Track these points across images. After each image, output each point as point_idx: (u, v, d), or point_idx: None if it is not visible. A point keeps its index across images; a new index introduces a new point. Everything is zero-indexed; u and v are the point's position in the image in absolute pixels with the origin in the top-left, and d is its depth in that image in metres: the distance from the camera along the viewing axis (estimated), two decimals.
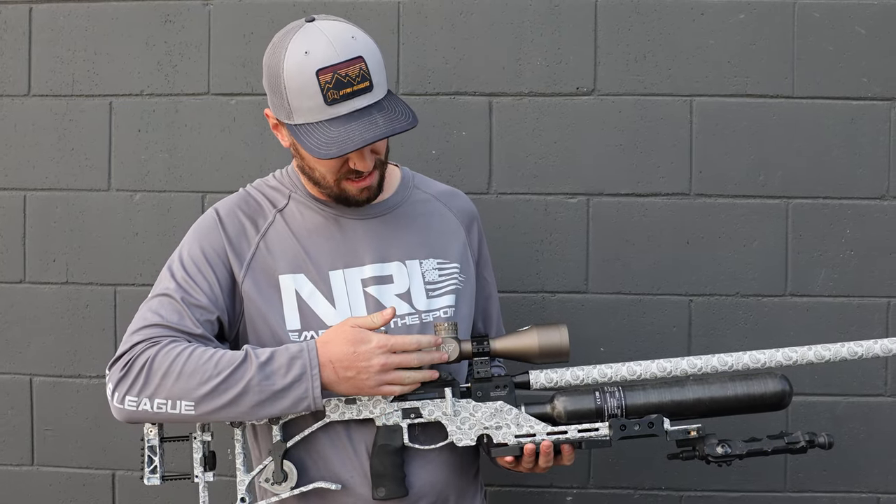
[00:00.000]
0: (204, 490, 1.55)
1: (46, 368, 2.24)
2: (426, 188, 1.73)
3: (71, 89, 2.22)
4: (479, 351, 1.51)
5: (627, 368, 1.54)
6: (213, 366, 1.41)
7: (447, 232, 1.68)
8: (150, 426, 1.51)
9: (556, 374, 1.54)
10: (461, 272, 1.66)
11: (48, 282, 2.24)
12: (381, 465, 1.51)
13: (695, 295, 2.14)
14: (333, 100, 1.43)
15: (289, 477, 1.51)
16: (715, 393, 1.53)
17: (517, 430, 1.51)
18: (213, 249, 1.55)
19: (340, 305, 1.55)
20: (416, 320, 1.58)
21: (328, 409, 1.50)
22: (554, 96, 2.15)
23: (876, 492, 2.14)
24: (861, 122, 2.11)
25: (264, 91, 2.12)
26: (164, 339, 1.45)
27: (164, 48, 2.20)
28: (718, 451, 1.51)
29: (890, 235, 2.12)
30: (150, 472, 1.51)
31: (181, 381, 1.41)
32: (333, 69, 1.42)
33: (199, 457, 1.52)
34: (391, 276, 1.59)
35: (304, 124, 1.46)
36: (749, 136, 2.12)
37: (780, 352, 1.56)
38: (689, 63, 2.12)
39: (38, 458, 2.26)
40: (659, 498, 2.17)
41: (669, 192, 2.14)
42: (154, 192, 2.21)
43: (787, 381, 1.54)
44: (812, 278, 2.13)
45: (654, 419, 1.51)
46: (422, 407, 1.51)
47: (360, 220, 1.61)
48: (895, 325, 2.12)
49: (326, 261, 1.57)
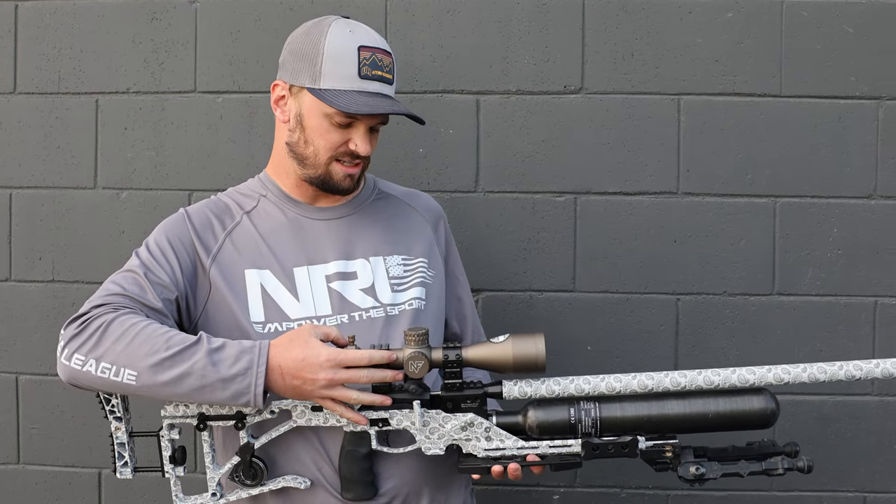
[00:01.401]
0: (176, 484, 1.54)
1: (32, 367, 2.24)
2: (389, 189, 1.77)
3: (57, 87, 2.21)
4: (450, 360, 1.46)
5: (606, 384, 1.46)
6: (165, 341, 1.40)
7: (412, 230, 1.71)
8: (118, 424, 1.51)
9: (530, 388, 1.47)
10: (429, 267, 1.68)
11: (34, 280, 2.23)
12: (348, 470, 1.50)
13: (682, 294, 2.14)
14: (365, 75, 1.54)
15: (257, 474, 1.51)
16: (696, 409, 1.45)
17: (487, 444, 1.48)
18: (178, 239, 1.57)
19: (304, 299, 1.57)
20: (381, 313, 1.59)
21: (295, 415, 1.49)
22: (541, 94, 2.14)
23: (862, 491, 2.14)
24: (849, 120, 2.11)
25: (251, 89, 2.18)
26: (124, 308, 1.45)
27: (150, 46, 2.19)
28: (692, 471, 1.45)
29: (877, 234, 2.11)
30: (121, 467, 1.53)
31: (130, 349, 1.39)
32: (373, 51, 1.56)
33: (168, 455, 1.53)
34: (355, 272, 1.61)
35: (331, 89, 1.54)
36: (737, 135, 2.12)
37: (771, 372, 1.47)
38: (676, 61, 2.12)
39: (24, 456, 2.25)
40: (646, 497, 2.17)
41: (657, 190, 2.13)
42: (140, 190, 2.20)
43: (773, 399, 1.46)
44: (799, 277, 2.13)
45: (628, 441, 1.45)
46: (390, 417, 1.48)
47: (325, 220, 1.65)
48: (882, 325, 2.12)
49: (291, 258, 1.59)
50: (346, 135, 1.57)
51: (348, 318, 1.57)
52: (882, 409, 2.13)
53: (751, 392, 1.47)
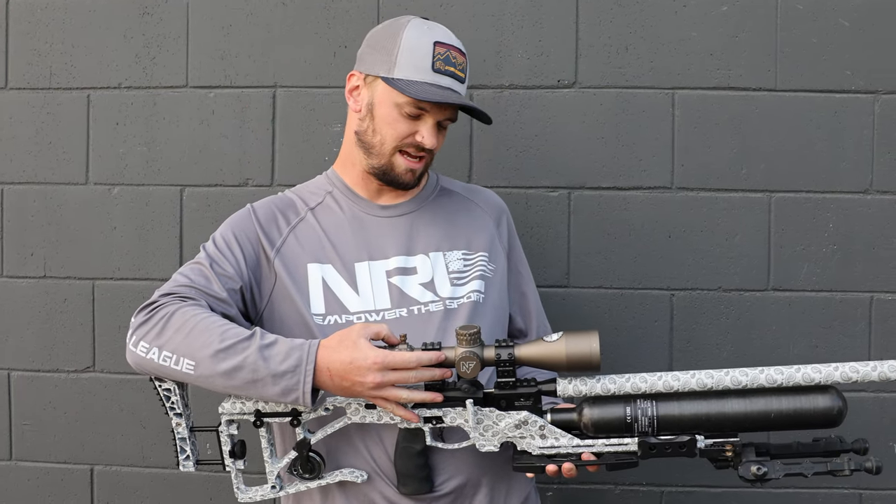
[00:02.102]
0: (237, 477, 1.57)
1: (24, 363, 2.23)
2: (452, 186, 1.80)
3: (48, 82, 2.20)
4: (503, 360, 1.43)
5: (663, 382, 1.41)
6: (220, 333, 1.44)
7: (473, 225, 1.73)
8: (178, 420, 1.54)
9: (584, 386, 1.43)
10: (490, 261, 1.69)
11: (26, 276, 2.22)
12: (403, 466, 1.51)
13: (676, 289, 2.13)
14: (438, 69, 1.58)
15: (315, 468, 1.53)
16: (757, 408, 1.39)
17: (541, 441, 1.46)
18: (244, 233, 1.62)
19: (364, 293, 1.60)
20: (440, 307, 1.60)
21: (349, 412, 1.50)
22: (535, 89, 2.13)
23: (858, 488, 2.13)
24: (844, 115, 2.09)
25: (243, 84, 2.17)
26: (189, 299, 1.51)
27: (142, 41, 2.18)
28: (753, 471, 1.38)
29: (873, 230, 2.10)
30: (183, 460, 1.56)
31: (189, 339, 1.44)
32: (448, 47, 1.61)
33: (227, 449, 1.55)
34: (415, 267, 1.64)
35: (404, 79, 1.58)
36: (732, 130, 2.10)
37: (838, 370, 1.40)
38: (671, 55, 2.11)
39: (17, 453, 2.25)
40: (640, 494, 2.16)
41: (651, 185, 2.12)
42: (132, 186, 2.20)
43: (840, 398, 1.40)
44: (795, 272, 2.11)
45: (686, 441, 1.40)
46: (444, 414, 1.47)
47: (388, 217, 1.68)
48: (878, 321, 2.11)
49: (352, 254, 1.63)
50: (414, 126, 1.60)
51: (407, 311, 1.59)
52: (877, 405, 2.12)
53: (816, 390, 1.40)
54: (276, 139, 2.17)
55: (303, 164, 2.16)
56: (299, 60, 2.16)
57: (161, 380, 1.50)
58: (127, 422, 2.22)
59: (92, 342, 2.21)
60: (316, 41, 2.15)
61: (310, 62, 2.15)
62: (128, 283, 2.20)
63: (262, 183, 2.17)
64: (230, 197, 2.17)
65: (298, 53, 2.16)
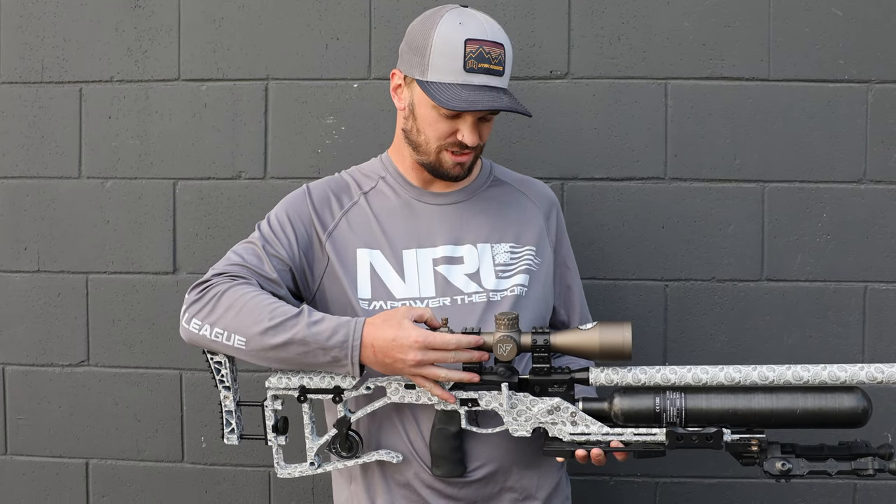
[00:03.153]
0: (278, 452, 1.60)
1: (18, 357, 2.23)
2: (504, 177, 1.79)
3: (40, 76, 2.20)
4: (538, 346, 1.49)
5: (692, 375, 1.46)
6: (270, 311, 1.50)
7: (523, 218, 1.74)
8: (226, 392, 1.58)
9: (616, 375, 1.49)
10: (536, 255, 1.70)
11: (19, 270, 2.22)
12: (438, 448, 1.55)
13: (670, 280, 2.13)
14: (471, 69, 1.56)
15: (353, 447, 1.57)
16: (784, 405, 1.42)
17: (572, 428, 1.50)
18: (297, 215, 1.66)
19: (410, 280, 1.63)
20: (483, 298, 1.63)
21: (389, 391, 1.55)
22: (528, 80, 2.12)
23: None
24: (838, 104, 2.09)
25: (235, 76, 2.16)
26: (240, 278, 1.57)
27: (133, 34, 2.18)
28: (778, 467, 1.42)
29: (867, 219, 2.10)
30: (228, 433, 1.60)
31: (240, 317, 1.50)
32: (480, 43, 1.57)
33: (272, 424, 1.59)
34: (462, 257, 1.66)
35: (437, 82, 1.57)
36: (724, 120, 2.10)
37: (864, 370, 1.42)
38: (663, 46, 2.10)
39: (12, 447, 2.25)
40: (635, 485, 2.16)
41: (644, 176, 2.12)
42: (125, 179, 2.19)
43: (865, 398, 1.42)
44: (788, 263, 2.11)
45: (713, 433, 1.43)
46: (479, 398, 1.53)
47: (438, 206, 1.70)
48: (872, 310, 2.10)
49: (401, 240, 1.66)
50: (455, 125, 1.60)
51: (450, 301, 1.62)
52: (872, 394, 2.11)
53: (842, 390, 1.43)
54: (269, 132, 2.17)
55: (295, 157, 2.16)
56: (291, 53, 2.15)
57: (213, 353, 1.56)
58: (121, 415, 2.22)
59: (86, 336, 2.21)
60: (308, 33, 2.15)
61: (302, 54, 2.15)
62: (121, 277, 2.20)
63: (255, 175, 2.16)
64: (223, 190, 2.17)
65: (290, 46, 2.15)
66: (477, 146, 1.63)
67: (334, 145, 2.15)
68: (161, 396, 2.21)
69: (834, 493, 2.14)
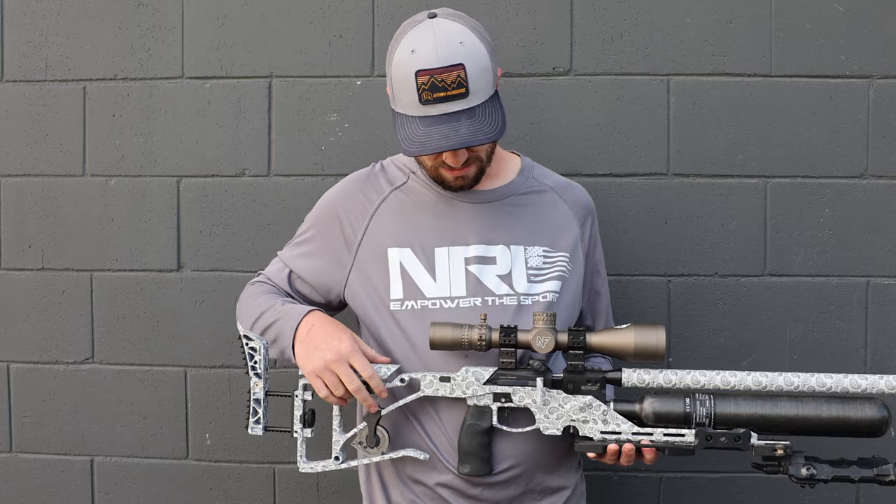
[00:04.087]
0: (302, 445, 1.61)
1: (23, 355, 2.23)
2: (543, 179, 1.77)
3: (44, 74, 2.20)
4: (575, 344, 1.52)
5: (721, 378, 1.52)
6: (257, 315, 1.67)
7: (558, 223, 1.72)
8: (256, 380, 1.60)
9: (648, 376, 1.54)
10: (569, 262, 1.69)
11: (24, 268, 2.23)
12: (468, 444, 1.56)
13: (673, 275, 2.13)
14: (427, 100, 1.51)
15: (381, 442, 1.58)
16: (808, 412, 1.49)
17: (603, 426, 1.53)
18: (326, 233, 1.70)
19: (441, 279, 1.62)
20: (514, 301, 1.62)
21: (423, 384, 1.57)
22: (530, 76, 2.13)
23: None
24: (839, 100, 2.09)
25: (239, 74, 2.17)
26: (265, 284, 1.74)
27: (137, 32, 2.18)
28: (803, 472, 1.48)
29: (869, 214, 2.10)
30: (253, 423, 1.60)
31: (243, 317, 1.70)
32: (431, 73, 1.50)
33: (300, 414, 1.60)
34: (494, 257, 1.65)
35: (402, 114, 1.57)
36: (727, 115, 2.11)
37: (883, 379, 1.50)
38: (665, 42, 2.11)
39: (17, 444, 2.25)
40: (638, 479, 2.16)
41: (647, 171, 2.12)
42: (129, 177, 2.20)
43: (886, 409, 1.49)
44: (791, 258, 2.12)
45: (741, 434, 1.48)
46: (513, 393, 1.55)
47: (472, 203, 1.68)
48: (874, 305, 2.11)
49: (433, 238, 1.65)
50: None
51: (481, 301, 1.62)
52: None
53: (864, 399, 1.50)
54: (273, 129, 2.17)
55: (299, 154, 2.16)
56: (295, 50, 2.16)
57: (249, 337, 1.58)
58: (126, 413, 2.22)
59: (91, 333, 2.22)
60: (311, 31, 2.15)
61: (305, 52, 2.16)
62: (126, 275, 2.21)
63: (259, 173, 2.17)
64: (227, 187, 2.18)
65: (294, 43, 2.16)
66: (470, 160, 1.60)
67: (338, 142, 2.16)
68: (166, 393, 2.21)
69: (838, 488, 2.14)
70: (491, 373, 1.56)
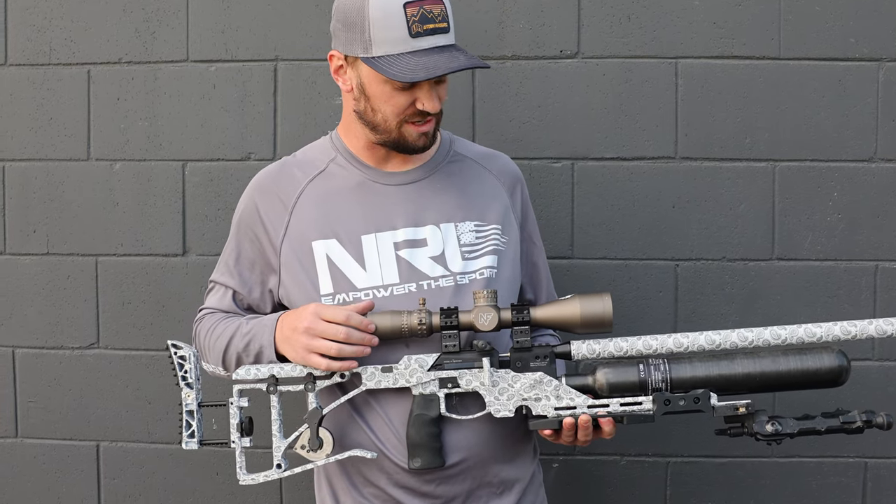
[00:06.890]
0: (241, 455, 1.54)
1: (29, 340, 2.23)
2: (465, 151, 1.72)
3: (48, 58, 2.19)
4: (519, 320, 1.48)
5: (674, 340, 1.48)
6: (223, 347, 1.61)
7: (486, 195, 1.67)
8: (188, 391, 1.54)
9: (598, 346, 1.49)
10: (502, 234, 1.64)
11: (29, 253, 2.22)
12: (417, 436, 1.50)
13: (681, 259, 2.12)
14: (417, 33, 1.48)
15: (324, 444, 1.50)
16: (766, 367, 1.46)
17: (557, 402, 1.48)
18: (248, 243, 1.65)
19: (371, 268, 1.57)
20: (451, 282, 1.57)
21: (364, 377, 1.50)
22: (537, 59, 2.12)
23: (864, 456, 2.13)
24: (848, 83, 2.08)
25: (244, 57, 2.16)
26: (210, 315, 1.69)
27: (141, 15, 2.17)
28: (768, 428, 1.44)
29: (878, 198, 2.09)
30: (187, 437, 1.53)
31: (210, 354, 1.65)
32: (420, 3, 1.48)
33: (236, 423, 1.52)
34: (424, 239, 1.59)
35: (385, 56, 1.49)
36: (735, 99, 2.09)
37: (837, 325, 1.47)
38: (674, 24, 2.09)
39: (22, 430, 2.25)
40: (645, 464, 2.16)
41: (655, 155, 2.11)
42: (134, 161, 2.19)
43: (844, 356, 1.46)
44: (799, 242, 2.11)
45: (700, 394, 1.44)
46: (459, 377, 1.49)
47: (396, 185, 1.62)
48: (883, 289, 2.10)
49: (358, 226, 1.59)
50: (412, 95, 1.52)
51: (416, 286, 1.56)
52: (882, 374, 2.12)
53: (821, 349, 1.47)
54: (278, 113, 2.16)
55: (305, 138, 2.13)
56: (300, 33, 2.15)
57: (177, 346, 1.53)
58: (132, 398, 2.22)
59: (96, 318, 2.21)
60: (317, 13, 2.14)
61: (311, 35, 2.14)
62: (131, 259, 2.20)
63: (264, 157, 2.16)
64: (232, 171, 2.17)
65: (299, 26, 2.14)
66: (438, 111, 1.56)
67: None
68: (171, 378, 2.16)
69: (844, 472, 2.14)
70: (435, 358, 1.50)
